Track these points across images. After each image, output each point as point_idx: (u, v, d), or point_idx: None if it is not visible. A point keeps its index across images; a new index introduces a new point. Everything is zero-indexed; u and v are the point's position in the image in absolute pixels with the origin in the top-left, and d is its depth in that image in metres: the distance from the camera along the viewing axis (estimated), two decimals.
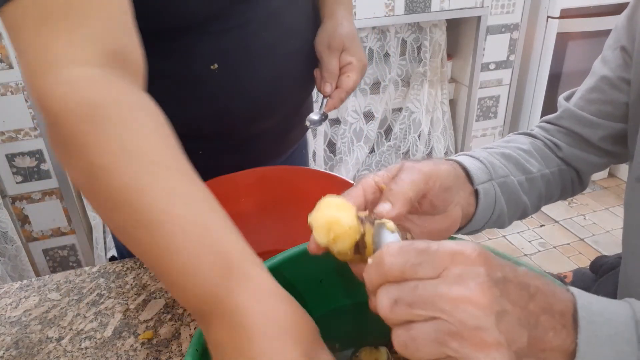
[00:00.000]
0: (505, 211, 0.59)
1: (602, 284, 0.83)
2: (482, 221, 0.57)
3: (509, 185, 0.59)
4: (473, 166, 0.56)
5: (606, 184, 2.57)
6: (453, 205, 0.51)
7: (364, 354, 0.48)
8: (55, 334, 0.62)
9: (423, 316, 0.32)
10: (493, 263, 0.33)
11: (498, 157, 0.61)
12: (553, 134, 0.69)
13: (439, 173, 0.48)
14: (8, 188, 1.72)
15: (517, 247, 2.15)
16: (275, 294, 0.37)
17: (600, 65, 0.66)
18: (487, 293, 0.31)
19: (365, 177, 0.47)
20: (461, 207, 0.52)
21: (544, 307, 0.33)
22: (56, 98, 0.39)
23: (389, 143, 2.30)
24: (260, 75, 0.70)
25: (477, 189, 0.54)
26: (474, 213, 0.55)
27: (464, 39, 2.20)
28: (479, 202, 0.55)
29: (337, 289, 0.53)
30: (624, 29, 0.63)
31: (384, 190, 0.45)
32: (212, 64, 0.65)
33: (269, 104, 0.73)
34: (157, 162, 0.38)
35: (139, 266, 0.74)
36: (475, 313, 0.30)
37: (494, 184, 0.57)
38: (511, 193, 0.59)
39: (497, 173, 0.58)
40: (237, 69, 0.68)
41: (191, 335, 0.61)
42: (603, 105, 0.65)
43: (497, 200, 0.57)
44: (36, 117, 1.62)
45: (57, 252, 1.89)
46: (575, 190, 0.71)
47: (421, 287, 0.32)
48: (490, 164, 0.58)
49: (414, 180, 0.45)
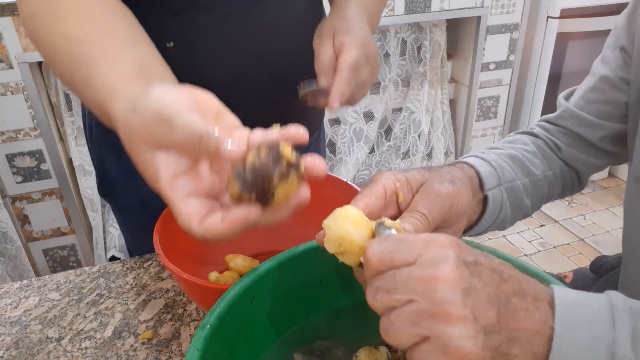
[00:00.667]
0: (508, 215, 0.59)
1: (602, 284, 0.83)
2: (486, 225, 0.57)
3: (515, 189, 0.60)
4: (485, 171, 0.56)
5: (606, 184, 2.57)
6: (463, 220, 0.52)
7: (364, 354, 0.48)
8: (55, 334, 0.62)
9: (401, 300, 0.33)
10: (465, 248, 0.34)
11: (506, 159, 0.61)
12: (553, 133, 0.69)
13: (460, 199, 0.49)
14: (8, 188, 1.72)
15: (517, 247, 2.15)
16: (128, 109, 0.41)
17: (600, 65, 0.66)
18: (456, 271, 0.32)
19: (386, 177, 0.47)
20: (467, 215, 0.53)
21: (516, 290, 0.34)
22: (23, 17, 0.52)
23: (389, 143, 2.30)
24: (219, 64, 0.67)
25: (487, 195, 0.55)
26: (479, 219, 0.56)
27: (464, 39, 2.20)
28: (487, 208, 0.55)
29: (337, 289, 0.53)
30: (623, 28, 0.63)
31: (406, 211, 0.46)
32: (168, 41, 0.64)
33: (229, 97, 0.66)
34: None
35: (139, 266, 0.74)
36: (443, 288, 0.32)
37: (501, 189, 0.57)
38: (516, 197, 0.60)
39: (505, 177, 0.58)
40: (194, 52, 0.66)
41: (191, 335, 0.61)
42: (603, 105, 0.65)
43: (502, 205, 0.57)
44: (36, 117, 1.62)
45: (57, 252, 1.89)
46: (574, 190, 0.71)
47: (398, 273, 0.34)
48: (500, 168, 0.58)
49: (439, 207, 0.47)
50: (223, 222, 0.36)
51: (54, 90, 1.66)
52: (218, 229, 0.36)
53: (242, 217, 0.36)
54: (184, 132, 0.36)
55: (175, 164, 0.38)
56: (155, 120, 0.37)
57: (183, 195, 0.38)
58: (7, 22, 1.48)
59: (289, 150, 0.36)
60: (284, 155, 0.36)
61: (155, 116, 0.37)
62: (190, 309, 0.66)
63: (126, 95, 0.41)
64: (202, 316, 0.64)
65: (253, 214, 0.36)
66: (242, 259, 0.65)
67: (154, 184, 0.39)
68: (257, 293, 0.47)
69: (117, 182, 0.78)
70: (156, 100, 0.38)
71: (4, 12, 1.47)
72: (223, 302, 0.44)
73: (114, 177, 0.78)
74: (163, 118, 0.36)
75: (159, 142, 0.37)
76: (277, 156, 0.35)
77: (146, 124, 0.37)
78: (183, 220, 0.37)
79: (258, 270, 0.47)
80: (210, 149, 0.35)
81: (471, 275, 0.33)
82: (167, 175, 0.37)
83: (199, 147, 0.36)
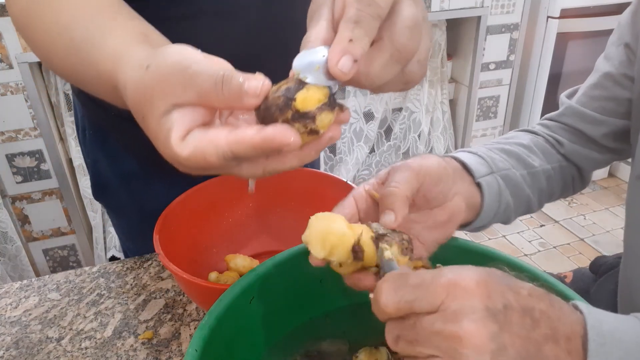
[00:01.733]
0: (511, 204, 0.58)
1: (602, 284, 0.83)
2: (490, 215, 0.56)
3: (512, 178, 0.59)
4: (471, 160, 0.55)
5: (606, 184, 2.57)
6: (451, 196, 0.50)
7: (364, 354, 0.48)
8: (55, 334, 0.62)
9: (424, 353, 0.32)
10: (493, 292, 0.32)
11: (498, 152, 0.61)
12: (555, 130, 0.68)
13: (427, 167, 0.48)
14: (8, 188, 1.72)
15: (517, 247, 2.15)
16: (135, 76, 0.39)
17: (603, 62, 0.66)
18: (483, 331, 0.30)
19: (356, 188, 0.48)
20: (463, 197, 0.52)
21: (548, 334, 0.32)
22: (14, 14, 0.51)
23: (389, 143, 2.30)
24: None
25: (480, 182, 0.54)
26: (481, 206, 0.55)
27: (464, 39, 2.20)
28: (484, 195, 0.54)
29: (337, 289, 0.53)
30: (627, 25, 0.63)
31: (381, 197, 0.45)
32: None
33: None
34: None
35: (139, 266, 0.74)
36: (469, 354, 0.30)
37: (496, 177, 0.57)
38: (515, 186, 0.59)
39: (498, 166, 0.58)
40: None
41: (191, 335, 0.61)
42: (606, 102, 0.65)
43: (502, 193, 0.57)
44: (36, 117, 1.62)
45: (57, 252, 1.89)
46: (576, 188, 0.70)
47: (419, 324, 0.32)
48: (490, 158, 0.58)
49: (406, 178, 0.46)
50: (258, 133, 0.32)
51: (54, 90, 1.66)
52: (252, 140, 0.32)
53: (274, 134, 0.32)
54: (205, 74, 0.33)
55: (189, 118, 0.34)
56: (173, 71, 0.34)
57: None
58: (7, 22, 1.48)
59: (311, 99, 0.33)
60: (297, 102, 0.33)
61: (172, 67, 0.35)
62: (190, 309, 0.66)
63: (135, 57, 0.39)
64: (202, 316, 0.64)
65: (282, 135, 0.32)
66: (242, 259, 0.65)
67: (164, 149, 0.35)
68: (256, 293, 0.47)
69: (111, 185, 0.78)
70: (173, 52, 0.36)
71: (4, 12, 1.47)
72: (222, 302, 0.44)
73: (108, 180, 0.78)
74: (182, 66, 0.34)
75: (175, 95, 0.34)
76: (288, 102, 0.33)
77: (162, 77, 0.35)
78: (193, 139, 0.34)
79: (257, 271, 0.47)
80: (232, 89, 0.33)
81: (500, 331, 0.31)
82: (180, 133, 0.34)
83: (222, 88, 0.33)
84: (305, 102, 0.33)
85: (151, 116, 0.36)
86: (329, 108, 0.34)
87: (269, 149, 0.32)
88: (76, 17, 0.46)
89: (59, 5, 0.48)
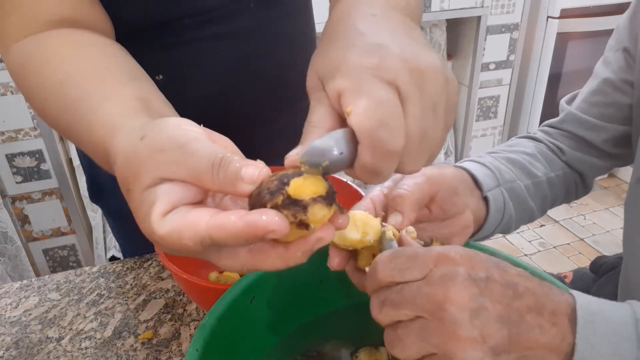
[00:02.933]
0: (513, 216, 0.59)
1: (602, 284, 0.83)
2: (492, 227, 0.57)
3: (517, 190, 0.59)
4: (480, 172, 0.56)
5: (606, 184, 2.57)
6: (464, 209, 0.51)
7: (364, 354, 0.48)
8: (55, 334, 0.62)
9: (408, 316, 0.34)
10: (476, 263, 0.34)
11: (504, 162, 0.61)
12: (556, 137, 0.68)
13: (444, 176, 0.50)
14: (8, 188, 1.72)
15: (517, 247, 2.15)
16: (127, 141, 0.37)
17: (602, 68, 0.66)
18: (464, 291, 0.33)
19: (373, 190, 0.49)
20: (473, 211, 0.53)
21: (531, 305, 0.34)
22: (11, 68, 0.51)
23: None
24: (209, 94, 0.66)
25: (487, 196, 0.55)
26: (485, 219, 0.55)
27: (464, 39, 2.20)
28: (489, 209, 0.55)
29: (337, 289, 0.53)
30: (625, 29, 0.63)
31: (390, 199, 0.46)
32: (157, 74, 0.62)
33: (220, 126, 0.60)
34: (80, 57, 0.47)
35: (139, 266, 0.74)
36: (451, 309, 0.32)
37: (502, 190, 0.57)
38: (518, 198, 0.60)
39: (504, 178, 0.58)
40: (183, 83, 0.65)
41: (191, 335, 0.61)
42: (606, 108, 0.65)
43: (505, 206, 0.57)
44: (36, 117, 1.62)
45: (57, 252, 1.89)
46: (579, 194, 0.70)
47: (407, 288, 0.34)
48: (497, 169, 0.58)
49: (417, 183, 0.47)
50: (241, 219, 0.29)
51: None
52: (234, 226, 0.29)
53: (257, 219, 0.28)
54: (202, 154, 0.31)
55: (177, 195, 0.32)
56: (170, 146, 0.32)
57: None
58: None
59: (307, 188, 0.30)
60: (290, 188, 0.30)
61: (168, 142, 0.32)
62: (190, 309, 0.66)
63: (131, 127, 0.37)
64: (202, 316, 0.64)
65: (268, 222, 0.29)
66: None
67: (142, 223, 0.33)
68: (256, 293, 0.47)
69: (107, 187, 0.78)
70: (172, 126, 0.34)
71: None
72: (223, 302, 0.44)
73: (104, 182, 0.78)
74: (180, 142, 0.32)
75: (168, 170, 0.32)
76: (281, 186, 0.30)
77: (156, 150, 0.33)
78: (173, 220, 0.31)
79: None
80: (228, 173, 0.30)
81: (481, 294, 0.33)
82: (162, 208, 0.31)
83: (217, 171, 0.31)
84: (299, 189, 0.30)
85: (135, 188, 0.33)
86: (324, 202, 0.30)
87: (253, 237, 0.29)
88: (74, 74, 0.45)
89: (57, 60, 0.46)
